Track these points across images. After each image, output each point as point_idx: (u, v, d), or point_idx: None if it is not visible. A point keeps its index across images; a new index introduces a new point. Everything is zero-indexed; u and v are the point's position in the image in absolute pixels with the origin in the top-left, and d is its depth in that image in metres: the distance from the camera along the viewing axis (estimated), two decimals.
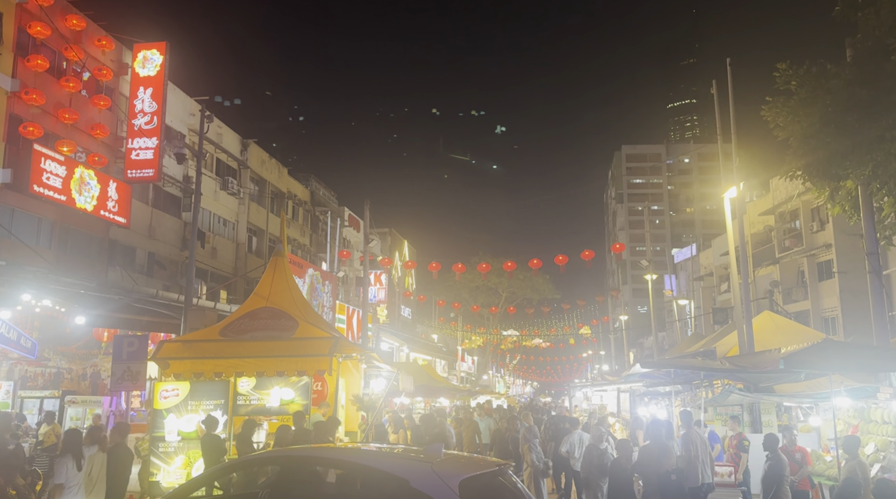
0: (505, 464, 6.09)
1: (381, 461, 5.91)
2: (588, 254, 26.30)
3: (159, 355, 12.42)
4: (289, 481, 6.03)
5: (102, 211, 21.71)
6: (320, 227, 42.10)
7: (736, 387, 13.15)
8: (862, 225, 12.24)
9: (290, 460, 6.34)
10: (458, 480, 5.27)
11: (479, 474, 5.65)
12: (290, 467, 6.16)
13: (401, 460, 5.93)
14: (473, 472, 5.60)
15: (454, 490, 5.12)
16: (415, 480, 5.28)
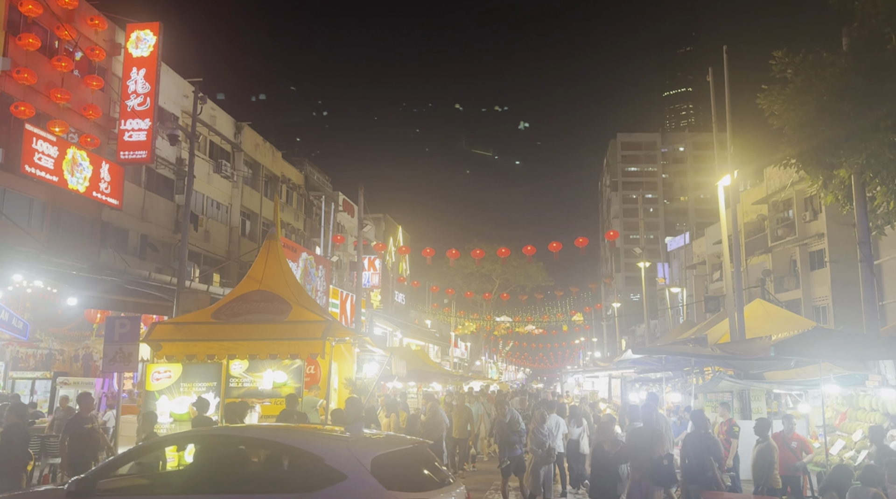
0: (421, 443, 6.41)
1: (298, 440, 6.10)
2: (582, 241, 26.34)
3: (151, 337, 12.41)
4: (207, 460, 6.19)
5: (95, 192, 21.58)
6: (314, 211, 41.99)
7: (726, 374, 13.24)
8: (854, 214, 12.29)
9: (208, 438, 6.56)
10: (371, 457, 5.50)
11: (393, 451, 5.90)
12: (209, 445, 6.34)
13: (317, 438, 6.13)
14: (387, 449, 5.85)
15: (366, 466, 5.36)
16: (329, 457, 5.52)
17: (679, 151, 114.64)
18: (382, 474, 5.39)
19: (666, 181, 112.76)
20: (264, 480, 5.86)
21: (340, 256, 42.51)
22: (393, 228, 54.45)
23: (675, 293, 48.04)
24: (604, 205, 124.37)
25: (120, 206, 22.93)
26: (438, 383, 26.59)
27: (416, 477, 5.85)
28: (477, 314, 54.91)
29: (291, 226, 38.45)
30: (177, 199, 27.66)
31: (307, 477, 5.54)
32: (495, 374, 63.20)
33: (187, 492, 5.75)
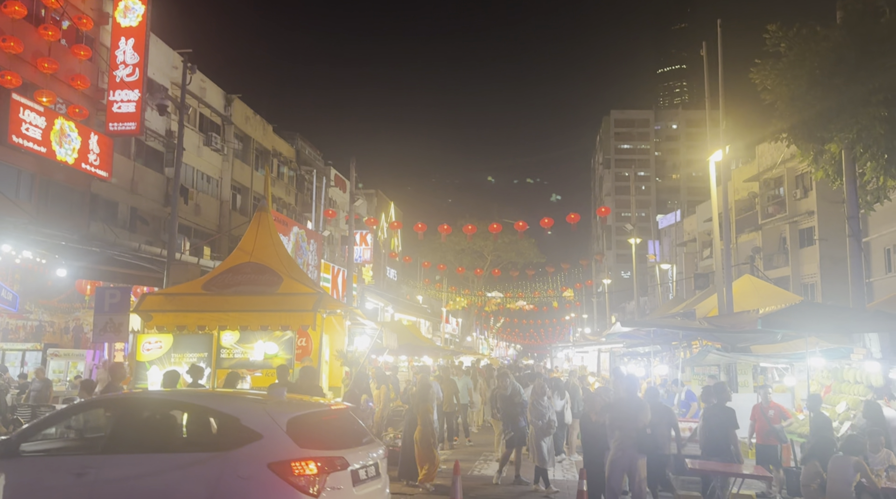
0: (344, 407, 6.84)
1: (216, 402, 6.42)
2: (574, 217, 26.36)
3: (142, 308, 12.39)
4: (130, 422, 6.41)
5: (84, 164, 21.36)
6: (305, 186, 41.78)
7: (714, 347, 13.38)
8: (844, 190, 12.35)
9: (132, 401, 6.90)
10: (287, 417, 5.84)
11: (309, 412, 6.28)
12: (132, 408, 6.62)
13: (236, 401, 6.52)
14: (303, 411, 6.21)
15: (281, 426, 5.70)
16: (245, 418, 5.84)
17: (672, 129, 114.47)
18: (297, 434, 5.71)
19: (658, 159, 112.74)
20: (184, 440, 6.15)
21: (332, 231, 42.42)
22: (385, 204, 54.31)
23: (665, 270, 48.30)
24: (596, 182, 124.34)
25: (109, 178, 22.73)
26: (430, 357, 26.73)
27: (333, 436, 6.16)
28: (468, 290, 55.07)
29: (282, 200, 38.28)
30: (167, 172, 27.44)
31: (225, 437, 5.83)
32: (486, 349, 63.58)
33: (108, 452, 6.02)
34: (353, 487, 5.86)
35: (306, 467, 5.51)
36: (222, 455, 5.63)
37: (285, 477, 5.43)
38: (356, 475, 5.95)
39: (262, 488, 5.44)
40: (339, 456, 5.85)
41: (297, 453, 5.57)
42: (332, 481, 5.65)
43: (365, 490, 6.04)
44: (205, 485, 5.48)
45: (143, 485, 5.64)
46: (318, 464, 5.59)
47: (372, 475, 6.22)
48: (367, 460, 6.19)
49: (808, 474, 8.60)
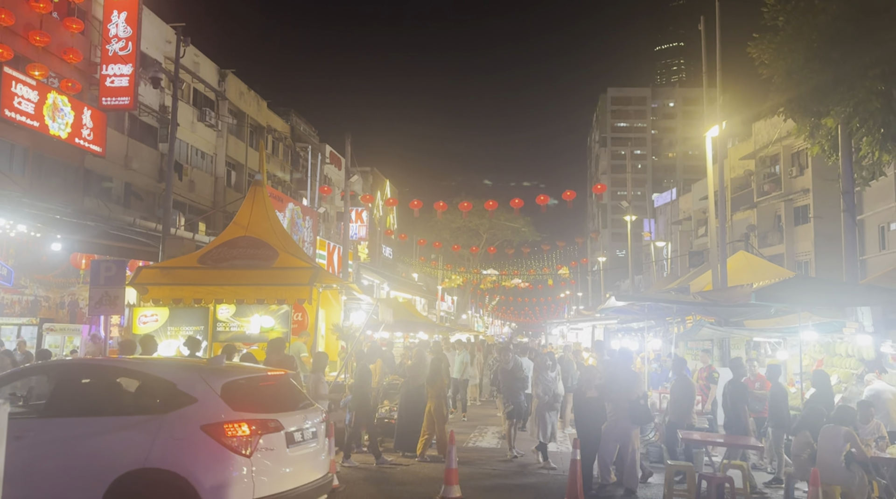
0: (283, 374, 7.14)
1: (153, 368, 6.70)
2: (569, 194, 26.35)
3: (137, 281, 12.41)
4: (70, 387, 6.62)
5: (77, 139, 21.21)
6: (301, 163, 41.58)
7: (707, 321, 13.45)
8: (840, 164, 12.36)
9: (73, 367, 7.15)
10: (222, 382, 6.10)
11: (244, 377, 6.58)
12: (73, 374, 6.83)
13: (173, 367, 6.82)
14: (238, 376, 6.52)
15: (216, 391, 5.97)
16: (181, 382, 6.12)
17: (669, 107, 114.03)
18: (231, 397, 5.98)
19: (655, 137, 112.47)
20: (122, 404, 6.37)
21: (327, 208, 42.29)
22: (380, 182, 54.12)
23: (660, 248, 48.40)
24: (592, 161, 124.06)
25: (103, 153, 22.59)
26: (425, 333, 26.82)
27: (268, 401, 6.45)
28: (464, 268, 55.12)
29: (277, 177, 38.11)
30: (161, 147, 27.28)
31: (161, 401, 6.10)
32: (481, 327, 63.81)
33: (47, 416, 6.24)
34: (286, 448, 6.11)
35: (238, 429, 5.77)
36: (158, 418, 5.88)
37: (218, 438, 5.69)
38: (291, 437, 6.19)
39: (195, 449, 5.69)
40: (273, 419, 6.09)
41: (230, 415, 5.82)
42: (266, 442, 5.90)
43: (300, 452, 6.30)
44: (140, 446, 5.72)
45: (81, 446, 5.85)
46: (250, 426, 5.85)
47: (309, 438, 6.48)
48: (303, 424, 6.44)
49: (798, 443, 8.70)
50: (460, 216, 48.85)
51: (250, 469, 5.74)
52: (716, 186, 17.82)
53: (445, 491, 8.64)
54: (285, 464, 6.11)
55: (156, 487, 5.61)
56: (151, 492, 5.60)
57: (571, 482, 8.37)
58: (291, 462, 6.19)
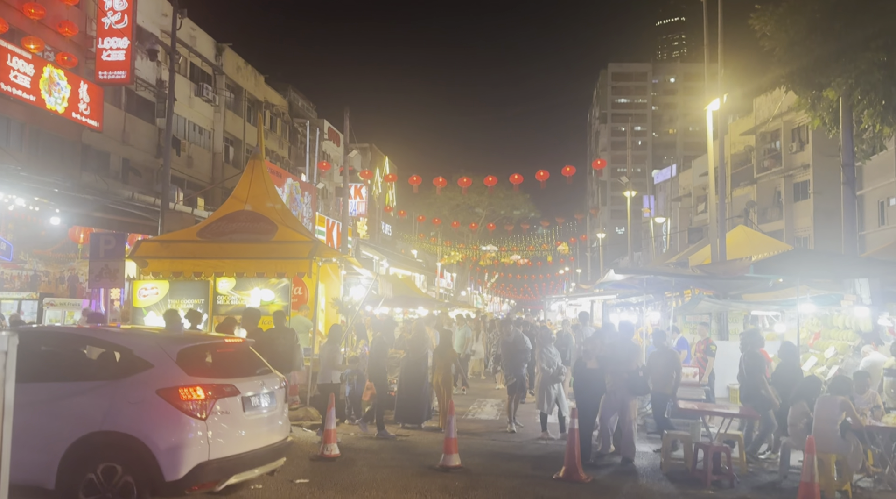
0: (242, 341, 7.50)
1: (111, 335, 6.87)
2: (569, 170, 26.27)
3: (137, 254, 12.42)
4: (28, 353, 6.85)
5: (74, 113, 21.08)
6: (299, 139, 41.40)
7: (705, 294, 13.49)
8: (840, 137, 12.31)
9: (32, 334, 7.27)
10: (178, 349, 6.31)
11: (201, 344, 6.86)
12: (31, 340, 6.89)
13: (130, 334, 7.04)
14: (195, 343, 6.79)
15: (172, 357, 6.17)
16: (137, 349, 6.33)
17: (670, 83, 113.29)
18: (187, 363, 6.20)
19: (655, 113, 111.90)
20: (79, 370, 6.53)
21: (326, 184, 42.18)
22: (379, 159, 53.91)
23: (659, 224, 48.39)
24: (592, 137, 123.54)
25: (100, 128, 22.47)
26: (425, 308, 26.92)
27: (224, 366, 6.69)
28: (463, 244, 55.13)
29: (276, 153, 37.94)
30: (158, 122, 27.12)
31: (118, 367, 6.32)
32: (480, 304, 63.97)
33: None
34: (243, 412, 6.36)
35: (193, 393, 5.97)
36: (115, 383, 6.11)
37: (173, 402, 5.90)
38: (247, 402, 6.43)
39: (151, 412, 5.91)
40: (229, 384, 6.30)
41: (185, 380, 6.03)
42: (221, 405, 6.12)
43: (256, 416, 6.55)
44: (97, 409, 5.91)
45: (39, 410, 5.95)
46: (205, 390, 6.06)
47: (266, 403, 6.72)
48: (260, 390, 6.66)
49: (795, 413, 8.78)
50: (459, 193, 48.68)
51: (205, 432, 5.94)
52: (716, 160, 17.77)
53: (445, 459, 8.74)
54: (241, 427, 6.34)
55: (112, 449, 5.83)
56: (108, 454, 5.82)
57: (570, 451, 8.45)
58: (248, 426, 6.42)
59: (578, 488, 8.02)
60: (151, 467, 5.73)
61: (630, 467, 9.20)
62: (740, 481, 8.51)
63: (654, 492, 7.94)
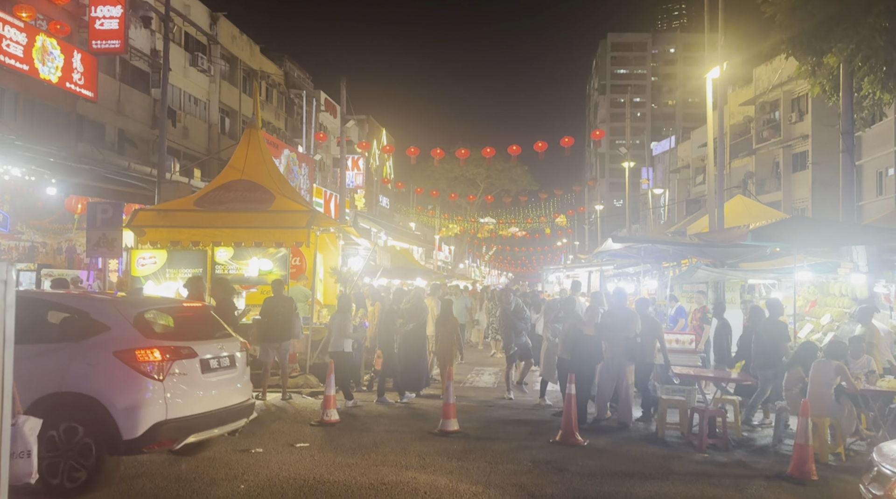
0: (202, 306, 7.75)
1: (70, 300, 7.05)
2: (568, 140, 26.14)
3: (134, 223, 12.40)
4: None
5: (68, 83, 20.83)
6: (295, 110, 41.07)
7: (703, 263, 13.52)
8: (840, 104, 12.24)
9: None
10: (135, 312, 6.48)
11: (158, 308, 7.12)
12: None
13: (88, 299, 7.26)
14: (153, 307, 7.03)
15: (129, 320, 6.35)
16: (94, 312, 6.47)
17: (669, 53, 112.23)
18: (144, 326, 6.40)
19: (655, 84, 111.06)
20: (39, 332, 6.59)
21: (323, 156, 41.95)
22: (376, 131, 53.54)
23: (657, 195, 48.33)
24: (591, 109, 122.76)
25: (95, 98, 22.23)
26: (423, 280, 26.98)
27: (182, 330, 6.92)
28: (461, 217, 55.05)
29: (272, 125, 37.67)
30: (153, 93, 26.87)
31: (76, 330, 6.43)
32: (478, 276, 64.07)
33: None
34: (201, 374, 6.52)
35: (150, 355, 6.11)
36: (72, 345, 6.26)
37: (130, 363, 6.04)
38: (206, 364, 6.60)
39: (108, 373, 6.05)
40: (186, 346, 6.47)
41: (141, 342, 6.17)
42: (178, 367, 6.29)
43: (216, 378, 6.73)
44: (55, 371, 6.04)
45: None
46: (162, 352, 6.21)
47: (226, 366, 6.89)
48: (219, 352, 6.85)
49: (791, 378, 8.86)
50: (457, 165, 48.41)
51: (162, 392, 6.08)
52: (715, 131, 17.65)
53: (443, 424, 8.83)
54: (199, 388, 6.50)
55: (70, 409, 5.95)
56: (66, 413, 5.92)
57: (566, 416, 8.54)
58: (206, 387, 6.59)
59: (575, 451, 8.12)
60: (110, 426, 5.88)
61: (626, 432, 9.31)
62: (735, 444, 8.61)
63: (650, 455, 8.04)
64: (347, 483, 6.51)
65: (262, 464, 7.10)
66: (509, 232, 57.59)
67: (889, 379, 8.55)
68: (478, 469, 7.15)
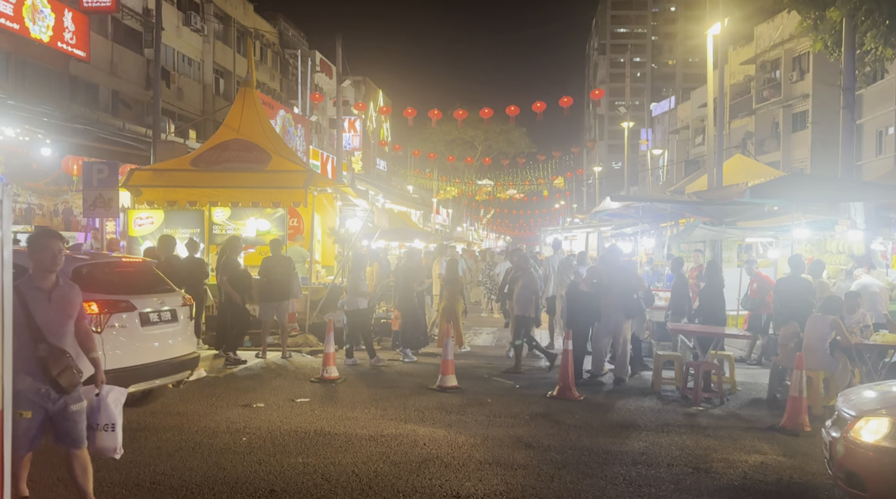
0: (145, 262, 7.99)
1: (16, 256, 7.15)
2: (567, 100, 25.87)
3: (130, 183, 12.35)
4: None
5: (59, 42, 20.51)
6: (290, 71, 40.53)
7: (701, 221, 13.52)
8: (842, 59, 12.10)
9: None
10: (73, 266, 6.47)
11: (97, 262, 7.19)
12: None
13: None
14: (90, 261, 7.10)
15: (67, 273, 6.27)
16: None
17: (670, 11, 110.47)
18: (82, 280, 6.30)
19: (655, 44, 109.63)
20: None
21: (319, 118, 41.53)
22: (373, 92, 52.93)
23: (656, 156, 48.12)
24: (590, 69, 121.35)
25: (87, 58, 21.91)
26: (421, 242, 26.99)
27: (122, 284, 7.08)
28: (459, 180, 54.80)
29: (267, 86, 37.19)
30: (146, 53, 26.47)
31: None
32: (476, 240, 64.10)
33: None
34: (140, 327, 6.79)
35: (88, 308, 6.19)
36: None
37: None
38: (145, 318, 6.85)
39: None
40: (125, 300, 6.68)
41: None
42: (117, 320, 6.55)
43: (156, 331, 7.00)
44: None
45: None
46: (99, 305, 6.40)
47: (167, 319, 7.15)
48: (160, 307, 7.10)
49: (786, 334, 8.94)
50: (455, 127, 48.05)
51: (101, 344, 6.15)
52: (716, 90, 17.49)
53: (442, 380, 8.93)
54: (139, 341, 6.75)
55: None
56: None
57: (563, 371, 8.64)
58: (146, 340, 6.84)
59: (571, 405, 8.23)
60: None
61: (622, 387, 9.43)
62: (730, 398, 8.73)
63: (645, 409, 8.15)
64: (348, 435, 6.61)
65: (263, 418, 7.19)
66: (507, 195, 57.39)
67: (883, 333, 8.62)
68: (476, 422, 7.25)
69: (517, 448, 6.36)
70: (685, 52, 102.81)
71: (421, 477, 5.48)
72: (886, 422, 4.63)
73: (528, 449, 6.33)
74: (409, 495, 5.10)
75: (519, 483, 5.40)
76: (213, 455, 5.91)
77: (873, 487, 4.50)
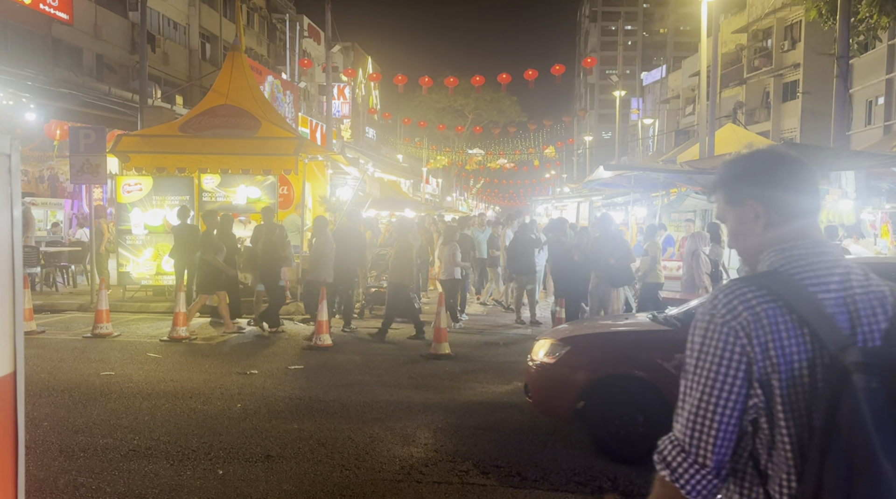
0: None
1: None
2: (558, 68, 25.66)
3: (118, 148, 12.17)
4: None
5: (41, 4, 20.03)
6: (277, 36, 39.91)
7: (693, 190, 13.52)
8: (837, 27, 12.02)
9: None
10: None
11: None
12: None
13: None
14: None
15: None
16: None
17: None
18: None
19: (647, 11, 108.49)
20: None
21: (308, 85, 41.00)
22: (362, 59, 52.24)
23: (647, 125, 48.02)
24: (581, 37, 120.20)
25: (70, 21, 21.44)
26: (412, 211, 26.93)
27: None
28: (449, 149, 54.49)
29: (254, 51, 36.63)
30: (131, 16, 25.96)
31: None
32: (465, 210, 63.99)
33: None
34: None
35: None
36: None
37: None
38: None
39: None
40: None
41: None
42: None
43: None
44: None
45: None
46: None
47: None
48: None
49: None
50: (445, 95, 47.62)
51: None
52: (709, 58, 17.36)
53: (435, 348, 8.97)
54: None
55: None
56: None
57: None
58: None
59: None
60: None
61: None
62: None
63: None
64: (342, 401, 6.64)
65: (257, 385, 7.21)
66: (497, 164, 57.19)
67: None
68: (469, 388, 7.30)
69: (511, 413, 6.42)
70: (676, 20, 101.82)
71: (416, 442, 5.52)
72: (547, 343, 5.71)
73: (521, 414, 6.39)
74: (405, 460, 5.14)
75: (513, 447, 5.46)
76: (208, 421, 5.92)
77: (534, 394, 5.63)
